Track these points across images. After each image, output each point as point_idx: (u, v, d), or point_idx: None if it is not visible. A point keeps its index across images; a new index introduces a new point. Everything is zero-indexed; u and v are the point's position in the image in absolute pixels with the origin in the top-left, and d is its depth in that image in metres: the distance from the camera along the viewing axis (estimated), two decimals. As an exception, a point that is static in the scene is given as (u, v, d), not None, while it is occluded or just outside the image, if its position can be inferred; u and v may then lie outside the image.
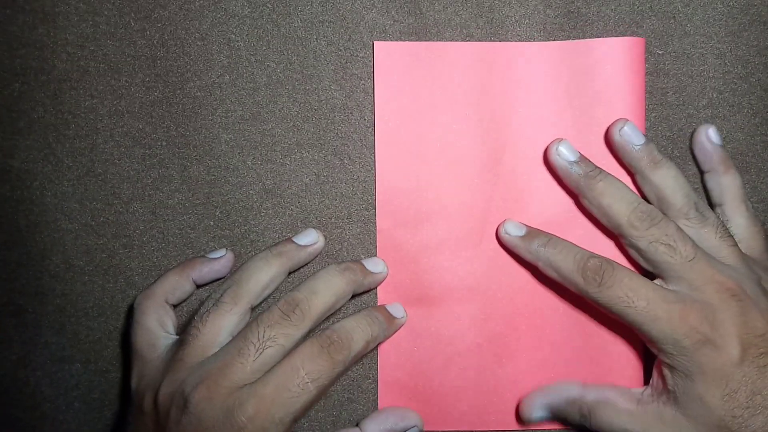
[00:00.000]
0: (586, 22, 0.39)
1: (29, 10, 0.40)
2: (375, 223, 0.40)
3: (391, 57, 0.39)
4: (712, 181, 0.39)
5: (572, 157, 0.37)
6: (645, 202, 0.36)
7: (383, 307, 0.38)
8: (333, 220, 0.40)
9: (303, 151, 0.40)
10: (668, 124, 0.40)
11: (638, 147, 0.37)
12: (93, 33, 0.40)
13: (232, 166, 0.40)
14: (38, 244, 0.40)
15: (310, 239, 0.39)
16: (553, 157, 0.37)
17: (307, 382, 0.33)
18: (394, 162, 0.39)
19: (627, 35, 0.40)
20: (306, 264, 0.39)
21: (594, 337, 0.39)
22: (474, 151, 0.39)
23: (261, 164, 0.40)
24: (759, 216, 0.40)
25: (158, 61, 0.40)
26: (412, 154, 0.39)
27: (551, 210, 0.39)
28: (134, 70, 0.40)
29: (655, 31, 0.40)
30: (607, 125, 0.38)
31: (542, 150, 0.39)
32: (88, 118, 0.40)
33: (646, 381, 0.38)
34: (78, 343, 0.40)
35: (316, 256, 0.39)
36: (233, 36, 0.40)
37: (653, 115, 0.40)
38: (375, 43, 0.39)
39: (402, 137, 0.39)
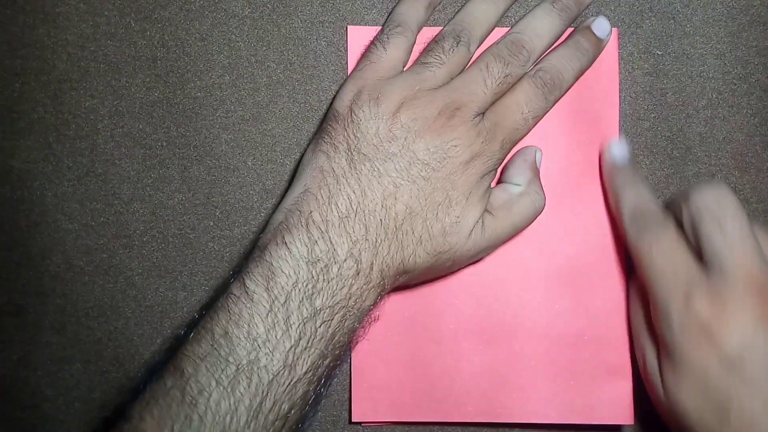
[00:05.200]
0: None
1: (30, 11, 0.40)
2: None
3: (366, 41, 0.38)
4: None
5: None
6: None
7: (589, 30, 0.38)
8: (333, 220, 0.40)
9: (303, 152, 0.40)
10: (668, 124, 0.40)
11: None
12: (93, 33, 0.40)
13: (232, 167, 0.40)
14: (39, 244, 0.40)
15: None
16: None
17: (527, 117, 0.36)
18: None
19: (627, 36, 0.40)
20: None
21: (586, 329, 0.39)
22: None
23: (261, 164, 0.40)
24: (759, 217, 0.40)
25: (159, 62, 0.40)
26: None
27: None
28: (135, 71, 0.40)
29: (655, 32, 0.40)
30: (582, 111, 0.39)
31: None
32: (89, 119, 0.40)
33: (637, 383, 0.38)
34: (78, 343, 0.40)
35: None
36: (233, 36, 0.40)
37: (653, 115, 0.40)
38: (348, 27, 0.39)
39: None
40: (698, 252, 0.34)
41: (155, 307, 0.40)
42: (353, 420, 0.39)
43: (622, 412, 0.38)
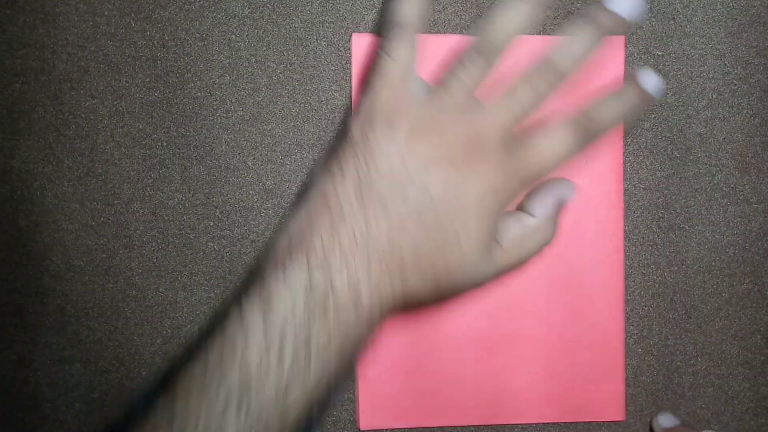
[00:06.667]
0: (586, 22, 0.39)
1: (30, 11, 0.40)
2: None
3: (370, 49, 0.39)
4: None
5: None
6: None
7: (635, 82, 0.34)
8: (333, 220, 0.40)
9: (303, 152, 0.40)
10: (668, 125, 0.40)
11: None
12: (93, 33, 0.40)
13: (232, 167, 0.40)
14: (39, 245, 0.40)
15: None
16: None
17: (558, 161, 0.33)
18: None
19: (627, 36, 0.40)
20: None
21: (580, 337, 0.39)
22: None
23: (261, 164, 0.40)
24: (758, 217, 0.40)
25: (158, 62, 0.40)
26: None
27: None
28: (134, 71, 0.40)
29: (655, 33, 0.40)
30: None
31: None
32: (89, 119, 0.40)
33: (631, 389, 0.38)
34: (78, 343, 0.40)
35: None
36: (233, 36, 0.40)
37: (653, 115, 0.40)
38: (353, 35, 0.39)
39: None
40: None
41: (155, 306, 0.40)
42: (361, 428, 0.39)
43: (615, 410, 0.40)
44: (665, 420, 0.40)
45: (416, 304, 0.34)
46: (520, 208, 0.35)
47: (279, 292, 0.31)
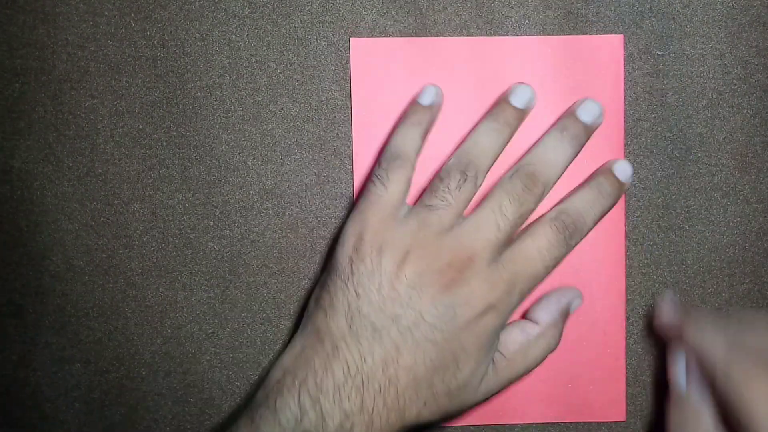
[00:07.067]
0: (586, 23, 0.39)
1: (29, 11, 0.40)
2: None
3: (368, 53, 0.39)
4: None
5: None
6: None
7: (610, 173, 0.36)
8: (333, 220, 0.40)
9: (303, 152, 0.40)
10: (668, 125, 0.40)
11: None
12: (93, 33, 0.40)
13: (232, 167, 0.40)
14: (38, 245, 0.40)
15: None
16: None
17: (548, 265, 0.34)
18: (372, 159, 0.39)
19: (626, 36, 0.40)
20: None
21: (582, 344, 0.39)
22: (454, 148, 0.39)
23: (261, 164, 0.40)
24: (758, 217, 0.40)
25: (158, 62, 0.40)
26: None
27: (542, 207, 0.39)
28: (134, 71, 0.40)
29: (655, 32, 0.40)
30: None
31: (524, 148, 0.39)
32: (89, 119, 0.40)
33: (631, 391, 0.38)
34: (78, 343, 0.40)
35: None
36: (233, 36, 0.40)
37: (653, 115, 0.40)
38: (351, 39, 0.39)
39: (381, 135, 0.39)
40: None
41: (155, 306, 0.40)
42: None
43: (616, 410, 0.40)
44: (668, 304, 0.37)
45: (421, 426, 0.33)
46: (525, 316, 0.36)
47: (268, 429, 0.30)
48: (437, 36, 0.39)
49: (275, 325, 0.40)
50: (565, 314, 0.36)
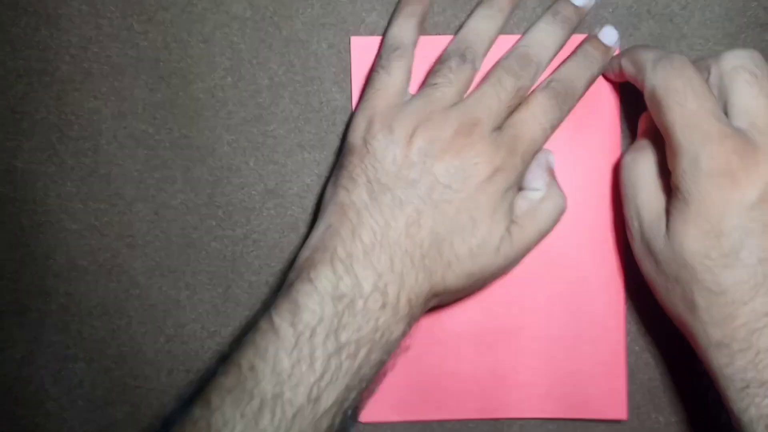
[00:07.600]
0: (584, 25, 0.40)
1: (32, 12, 0.40)
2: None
3: (369, 52, 0.39)
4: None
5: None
6: None
7: (596, 39, 0.38)
8: (334, 220, 0.40)
9: (304, 152, 0.40)
10: (665, 126, 0.40)
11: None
12: (96, 35, 0.40)
13: (234, 167, 0.40)
14: (42, 244, 0.40)
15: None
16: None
17: (545, 128, 0.36)
18: None
19: (624, 38, 0.40)
20: None
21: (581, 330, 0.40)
22: None
23: (263, 165, 0.40)
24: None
25: (161, 63, 0.40)
26: None
27: None
28: (137, 72, 0.40)
29: (653, 34, 0.40)
30: (582, 118, 0.39)
31: None
32: (92, 120, 0.40)
33: (631, 392, 0.38)
34: (82, 342, 0.40)
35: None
36: (235, 38, 0.40)
37: (651, 116, 0.40)
38: (352, 38, 0.40)
39: None
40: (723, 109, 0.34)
41: (158, 305, 0.40)
42: (360, 420, 0.39)
43: (617, 408, 0.39)
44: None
45: (448, 296, 0.35)
46: (520, 190, 0.37)
47: (307, 302, 0.31)
48: (437, 36, 0.40)
49: (277, 324, 0.40)
50: (551, 171, 0.38)
